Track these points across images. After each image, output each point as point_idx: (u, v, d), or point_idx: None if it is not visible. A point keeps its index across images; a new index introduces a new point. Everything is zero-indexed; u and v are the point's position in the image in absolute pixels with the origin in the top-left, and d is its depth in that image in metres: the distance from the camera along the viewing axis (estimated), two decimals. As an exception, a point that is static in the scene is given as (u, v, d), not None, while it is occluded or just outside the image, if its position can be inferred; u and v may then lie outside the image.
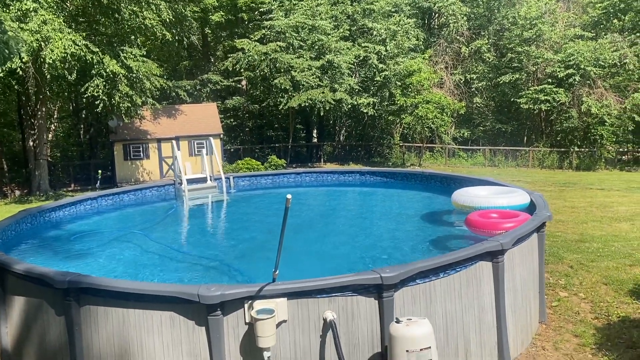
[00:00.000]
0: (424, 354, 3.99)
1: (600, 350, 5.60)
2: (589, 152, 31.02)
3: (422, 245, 7.43)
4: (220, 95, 34.58)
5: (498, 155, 33.04)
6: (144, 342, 4.42)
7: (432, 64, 34.44)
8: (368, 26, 31.40)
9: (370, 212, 10.19)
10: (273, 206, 10.25)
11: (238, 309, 4.27)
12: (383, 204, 11.21)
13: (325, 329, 4.39)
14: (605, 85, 30.66)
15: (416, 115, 29.12)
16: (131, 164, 26.03)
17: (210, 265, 6.75)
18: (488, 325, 5.17)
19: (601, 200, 15.42)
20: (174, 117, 27.53)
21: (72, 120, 34.98)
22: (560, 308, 6.82)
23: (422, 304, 4.69)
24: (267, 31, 29.19)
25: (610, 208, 13.88)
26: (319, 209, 10.48)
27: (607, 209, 13.67)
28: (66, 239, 8.11)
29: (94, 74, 19.72)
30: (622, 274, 7.96)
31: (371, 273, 4.45)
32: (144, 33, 21.95)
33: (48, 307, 4.84)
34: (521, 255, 5.71)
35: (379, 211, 10.22)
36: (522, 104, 31.86)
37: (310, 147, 35.91)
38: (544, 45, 32.90)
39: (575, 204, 14.80)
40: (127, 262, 6.92)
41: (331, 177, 12.98)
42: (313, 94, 27.53)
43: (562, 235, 10.59)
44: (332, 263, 6.67)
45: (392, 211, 10.26)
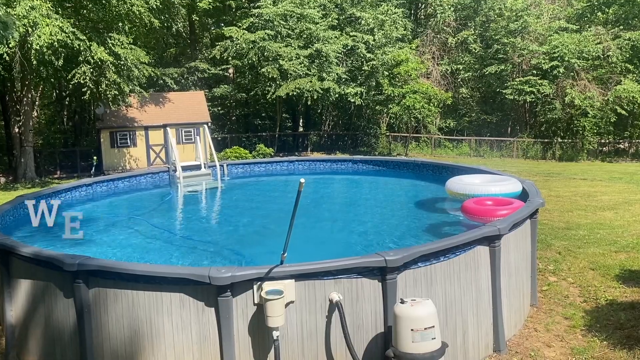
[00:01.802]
0: (428, 333, 4.15)
1: (590, 331, 5.83)
2: (572, 143, 31.55)
3: (419, 231, 7.61)
4: (207, 83, 34.40)
5: (483, 145, 33.45)
6: (153, 324, 4.51)
7: (419, 54, 34.63)
8: (356, 15, 31.44)
9: (364, 199, 10.33)
10: (267, 193, 10.35)
11: (247, 290, 4.38)
12: (377, 191, 11.36)
13: (331, 309, 4.53)
14: (588, 78, 31.15)
15: (403, 105, 29.31)
16: (118, 152, 25.86)
17: (209, 249, 6.85)
18: (484, 307, 5.36)
19: (585, 190, 15.78)
20: (161, 104, 27.36)
21: (55, 107, 34.54)
22: (550, 292, 7.06)
23: (423, 286, 4.85)
24: (255, 19, 29.07)
25: (594, 197, 14.23)
26: (313, 197, 10.59)
27: (591, 198, 14.01)
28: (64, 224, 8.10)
29: (81, 61, 19.52)
30: (608, 260, 8.23)
31: (375, 256, 4.59)
32: (131, 20, 21.71)
33: (56, 289, 4.90)
34: (516, 240, 5.90)
35: (373, 198, 10.37)
36: (507, 95, 32.24)
37: (296, 137, 35.97)
38: (529, 37, 33.27)
39: (560, 193, 15.14)
40: (128, 247, 6.99)
41: (323, 166, 13.10)
42: (301, 83, 27.54)
43: (549, 223, 10.87)
44: (331, 248, 6.81)
45: (386, 199, 10.42)
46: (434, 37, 36.65)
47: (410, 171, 11.63)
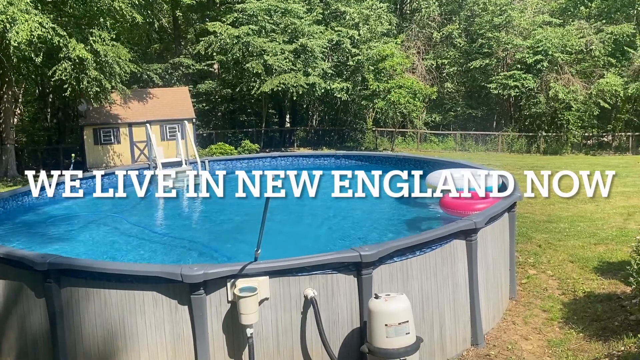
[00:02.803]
0: (402, 328, 4.14)
1: (567, 323, 5.87)
2: (556, 136, 31.80)
3: (397, 225, 7.60)
4: (192, 79, 34.13)
5: (468, 139, 33.62)
6: (126, 323, 4.46)
7: (404, 49, 34.63)
8: (341, 10, 31.35)
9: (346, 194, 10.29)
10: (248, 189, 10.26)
11: (220, 288, 4.35)
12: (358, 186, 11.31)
13: (306, 306, 4.51)
14: (572, 71, 31.39)
15: (389, 100, 29.32)
16: (102, 149, 25.60)
17: (189, 246, 6.80)
18: (462, 301, 5.36)
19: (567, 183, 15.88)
20: (145, 101, 27.10)
21: (38, 104, 34.08)
22: (530, 285, 7.09)
23: (399, 281, 4.84)
24: (239, 14, 28.86)
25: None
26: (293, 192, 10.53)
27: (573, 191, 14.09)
28: (42, 223, 8.02)
29: (61, 57, 19.25)
30: (587, 252, 8.30)
31: (351, 251, 4.57)
32: (113, 15, 21.44)
33: (28, 289, 4.82)
34: (493, 234, 5.92)
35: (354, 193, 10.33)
36: (491, 89, 32.40)
37: (283, 132, 35.86)
38: (513, 32, 33.42)
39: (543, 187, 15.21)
40: (106, 245, 6.91)
41: (306, 161, 13.07)
42: (286, 78, 27.43)
43: (531, 216, 10.94)
44: (310, 243, 6.78)
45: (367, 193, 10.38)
46: (419, 32, 36.68)
47: (393, 166, 11.61)
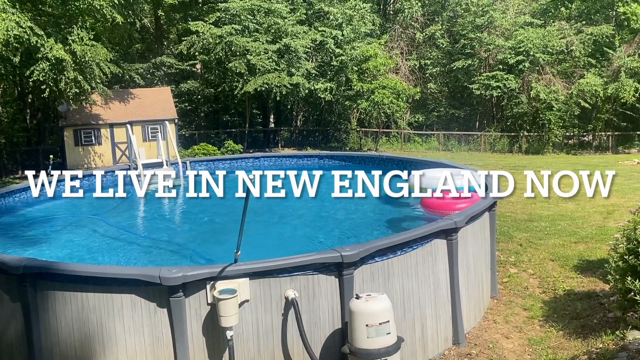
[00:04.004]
0: (383, 328, 4.13)
1: (548, 321, 5.92)
2: (538, 136, 32.14)
3: (379, 225, 7.60)
4: (174, 79, 33.84)
5: (451, 139, 33.83)
6: (104, 326, 4.39)
7: (387, 50, 34.73)
8: (324, 10, 31.32)
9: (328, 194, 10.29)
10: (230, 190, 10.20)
11: (200, 290, 4.30)
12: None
13: (287, 307, 4.48)
14: (553, 72, 31.76)
15: (372, 101, 29.38)
16: (82, 150, 25.27)
17: (169, 248, 6.73)
18: (443, 300, 5.38)
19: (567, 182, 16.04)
20: (126, 101, 26.80)
21: (17, 104, 33.52)
22: (511, 284, 7.15)
23: (380, 281, 4.84)
24: (222, 14, 28.68)
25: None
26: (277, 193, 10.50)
27: (554, 191, 14.24)
28: (18, 225, 7.88)
29: (39, 58, 18.93)
30: (567, 251, 8.38)
31: (332, 252, 4.56)
32: (93, 15, 21.14)
33: (3, 294, 4.73)
34: (474, 234, 5.94)
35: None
36: (474, 89, 32.62)
37: (267, 133, 35.73)
38: (495, 32, 33.70)
39: (524, 185, 15.34)
40: (84, 247, 6.81)
41: (290, 161, 13.03)
42: (269, 78, 27.33)
43: (512, 216, 11.03)
44: (292, 244, 6.75)
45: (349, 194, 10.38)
46: (402, 33, 36.80)
47: (376, 166, 11.63)
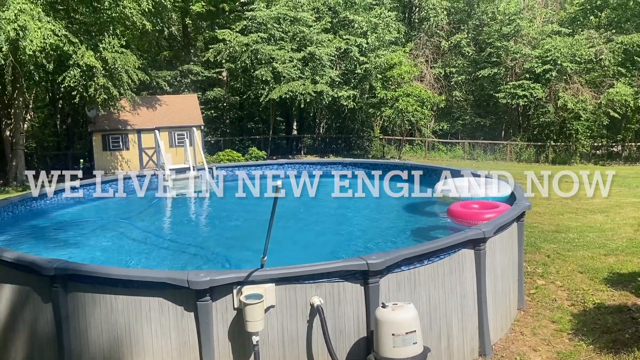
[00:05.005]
0: (409, 337, 4.10)
1: (577, 335, 5.79)
2: (565, 146, 31.63)
3: (405, 234, 7.56)
4: (200, 86, 34.32)
5: (477, 148, 33.50)
6: (132, 329, 4.44)
7: (412, 57, 34.66)
8: (349, 18, 31.44)
9: (353, 202, 10.29)
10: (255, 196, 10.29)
11: (227, 295, 4.32)
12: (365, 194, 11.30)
13: (313, 314, 4.47)
14: (581, 81, 31.26)
15: (396, 109, 29.32)
16: (110, 155, 25.75)
17: (196, 252, 6.79)
18: (469, 311, 5.31)
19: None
20: (154, 107, 27.26)
21: (48, 110, 34.39)
22: (538, 295, 7.02)
23: (406, 290, 4.79)
24: (248, 22, 29.03)
25: (585, 200, 14.23)
26: (302, 200, 10.54)
27: (582, 201, 14.00)
28: (49, 228, 8.06)
29: (71, 65, 19.41)
30: (597, 263, 8.21)
31: (358, 259, 4.54)
32: (123, 23, 21.63)
33: (34, 294, 4.82)
34: (502, 244, 5.86)
35: (362, 201, 10.33)
36: (500, 98, 32.32)
37: (290, 139, 35.92)
38: (522, 41, 33.38)
39: (551, 196, 15.12)
40: (113, 250, 6.92)
41: (313, 168, 13.04)
42: (294, 86, 27.51)
43: (539, 226, 10.85)
44: (316, 251, 6.76)
45: (375, 201, 10.37)
46: (427, 41, 36.71)
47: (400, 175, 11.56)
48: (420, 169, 11.12)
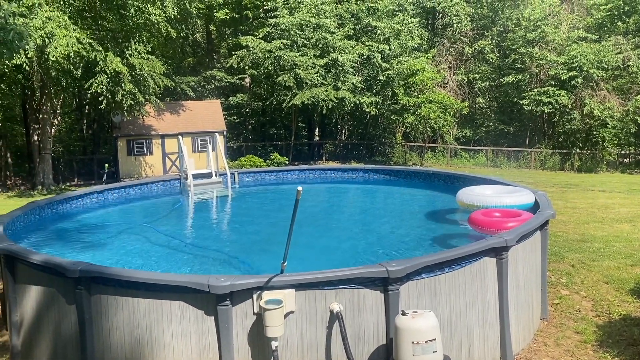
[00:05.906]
0: (429, 346, 4.07)
1: (602, 347, 5.67)
2: (591, 154, 31.04)
3: (426, 242, 7.51)
4: (223, 92, 34.66)
5: (500, 155, 33.08)
6: (153, 332, 4.50)
7: (435, 64, 34.47)
8: (372, 25, 31.45)
9: (374, 208, 10.27)
10: (277, 201, 10.34)
11: (247, 300, 4.35)
12: (386, 201, 11.28)
13: (332, 320, 4.47)
14: (608, 88, 30.69)
15: (419, 115, 29.18)
16: (135, 160, 26.12)
17: (217, 257, 6.84)
18: (491, 320, 5.24)
19: (603, 202, 15.48)
20: (177, 113, 27.60)
21: (75, 115, 35.08)
22: (562, 306, 6.90)
23: (427, 298, 4.76)
24: (271, 29, 29.25)
25: (611, 209, 13.95)
26: (323, 205, 10.57)
27: (609, 210, 13.73)
28: (74, 231, 8.21)
29: (98, 71, 19.81)
30: (623, 274, 8.03)
31: (378, 266, 4.53)
32: (149, 29, 22.01)
33: (59, 296, 4.92)
34: (524, 253, 5.78)
35: (382, 208, 10.31)
36: (524, 105, 31.91)
37: (312, 145, 35.99)
38: (547, 47, 32.93)
39: (576, 204, 14.86)
40: (136, 254, 7.02)
41: (334, 174, 13.05)
42: (316, 92, 27.60)
43: (564, 235, 10.67)
44: (336, 257, 6.75)
45: (395, 208, 10.34)
46: (450, 47, 36.49)
47: (422, 181, 11.53)
48: (442, 176, 11.04)
